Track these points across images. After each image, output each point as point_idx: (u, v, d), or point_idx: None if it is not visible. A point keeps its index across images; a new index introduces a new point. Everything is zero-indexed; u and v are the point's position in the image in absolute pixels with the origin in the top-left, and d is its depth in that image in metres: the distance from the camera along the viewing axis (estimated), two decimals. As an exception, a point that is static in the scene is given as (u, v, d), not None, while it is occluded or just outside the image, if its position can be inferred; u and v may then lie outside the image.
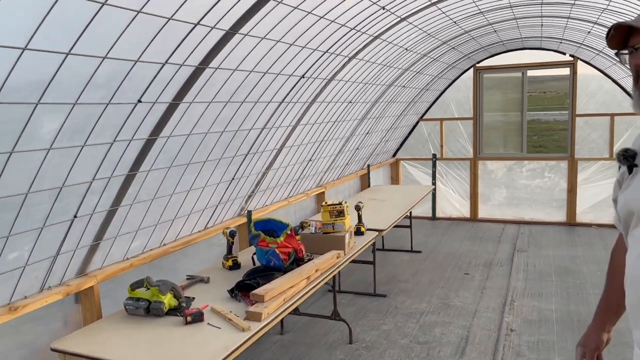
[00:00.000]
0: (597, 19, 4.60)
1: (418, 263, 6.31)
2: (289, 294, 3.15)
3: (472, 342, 4.20)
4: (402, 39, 4.33)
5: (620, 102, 7.41)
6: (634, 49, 1.39)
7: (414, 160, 8.55)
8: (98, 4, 1.77)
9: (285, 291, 3.14)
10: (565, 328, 4.41)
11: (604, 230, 7.41)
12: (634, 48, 1.39)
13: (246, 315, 2.86)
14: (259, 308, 2.90)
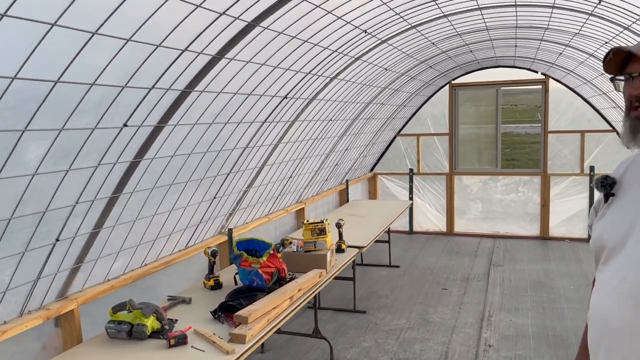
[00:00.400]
0: (568, 42, 4.76)
1: (397, 278, 6.37)
2: (272, 315, 3.15)
3: (451, 359, 4.26)
4: (382, 60, 4.41)
5: (590, 120, 7.64)
6: (630, 77, 1.36)
7: (392, 174, 8.64)
8: (88, 33, 1.77)
9: (268, 312, 3.14)
10: (541, 343, 4.50)
11: (576, 245, 7.60)
12: (630, 75, 1.36)
13: (230, 338, 2.85)
14: (242, 330, 2.90)
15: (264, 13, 2.42)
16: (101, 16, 1.77)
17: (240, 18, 2.34)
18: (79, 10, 1.66)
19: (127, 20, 1.91)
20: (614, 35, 3.74)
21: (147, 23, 1.93)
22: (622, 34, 3.60)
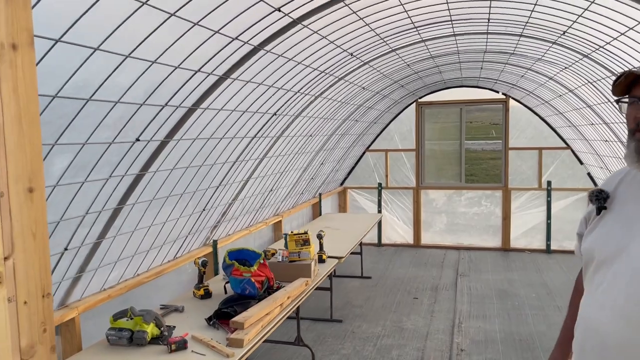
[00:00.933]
0: (531, 66, 5.15)
1: (369, 289, 6.58)
2: (265, 321, 3.30)
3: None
4: (362, 80, 4.66)
5: (546, 137, 8.13)
6: (637, 100, 1.38)
7: (361, 188, 8.90)
8: (122, 56, 1.93)
9: (262, 318, 3.30)
10: (509, 347, 4.78)
11: (536, 255, 8.02)
12: (637, 98, 1.38)
13: (228, 342, 2.99)
14: (240, 335, 3.04)
15: (268, 39, 2.62)
16: (133, 41, 1.93)
17: (248, 42, 2.53)
18: (117, 35, 1.82)
19: (150, 45, 2.08)
20: (574, 61, 4.11)
21: (171, 48, 2.10)
22: (581, 61, 3.98)
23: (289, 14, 2.64)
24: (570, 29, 3.26)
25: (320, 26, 2.98)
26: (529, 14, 3.17)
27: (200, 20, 2.14)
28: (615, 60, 3.38)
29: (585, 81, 4.50)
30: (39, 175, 1.10)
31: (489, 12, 3.30)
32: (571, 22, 3.08)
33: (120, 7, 1.73)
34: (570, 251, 7.98)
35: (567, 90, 5.32)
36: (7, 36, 1.01)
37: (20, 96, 1.05)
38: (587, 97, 4.92)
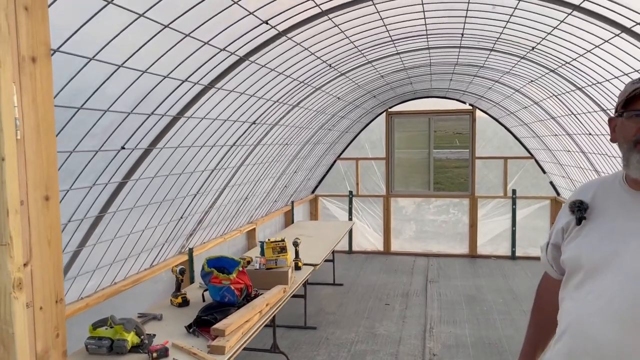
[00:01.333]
0: (499, 79, 5.35)
1: (342, 295, 6.66)
2: (245, 328, 3.33)
3: (400, 368, 4.58)
4: (338, 90, 4.76)
5: (511, 147, 8.40)
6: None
7: (332, 196, 8.99)
8: (115, 66, 1.95)
9: (242, 325, 3.32)
10: (479, 351, 4.92)
11: (502, 262, 8.25)
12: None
13: (209, 349, 3.01)
14: (221, 342, 3.06)
15: (254, 50, 2.68)
16: (127, 51, 1.96)
17: (235, 53, 2.58)
18: (112, 45, 1.85)
19: (142, 55, 2.11)
20: (540, 75, 4.31)
21: (162, 58, 2.14)
22: (547, 75, 4.17)
23: (276, 27, 2.71)
24: (539, 45, 3.43)
25: (304, 38, 3.06)
26: (502, 30, 3.32)
27: (192, 32, 2.18)
28: (580, 76, 3.57)
29: (550, 94, 4.71)
30: (54, 183, 1.13)
31: (463, 28, 3.44)
32: (540, 38, 3.24)
33: (116, 19, 1.76)
34: (535, 257, 8.24)
35: (532, 103, 5.54)
36: (27, 49, 1.05)
37: (38, 107, 1.08)
38: (552, 109, 5.14)
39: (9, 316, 1.01)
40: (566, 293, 1.59)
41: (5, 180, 0.98)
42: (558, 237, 1.69)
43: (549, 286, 1.81)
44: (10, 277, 1.00)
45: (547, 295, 1.82)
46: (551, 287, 1.76)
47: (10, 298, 1.00)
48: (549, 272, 1.81)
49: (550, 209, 8.24)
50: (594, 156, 4.98)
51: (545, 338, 1.82)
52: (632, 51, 2.59)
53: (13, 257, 1.00)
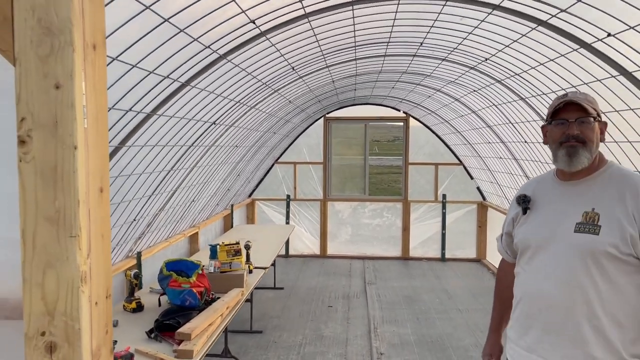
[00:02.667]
0: (441, 88, 5.61)
1: (284, 299, 6.67)
2: (209, 331, 3.28)
3: (351, 367, 4.67)
4: (292, 93, 4.79)
5: (442, 154, 8.81)
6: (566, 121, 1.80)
7: (269, 200, 8.98)
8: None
9: (206, 329, 3.27)
10: (422, 349, 5.12)
11: (432, 263, 8.61)
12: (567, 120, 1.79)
13: (177, 354, 2.93)
14: (188, 346, 3.00)
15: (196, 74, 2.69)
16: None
17: (177, 80, 2.56)
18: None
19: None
20: (485, 85, 4.58)
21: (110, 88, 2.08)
22: (492, 85, 4.45)
23: (217, 51, 2.74)
24: (493, 57, 3.66)
25: (242, 60, 3.11)
26: (460, 41, 3.52)
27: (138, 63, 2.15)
28: (526, 87, 3.85)
29: (490, 104, 5.02)
30: (106, 175, 1.09)
31: (424, 38, 3.60)
32: (496, 50, 3.47)
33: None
34: (463, 259, 8.70)
35: (470, 111, 5.86)
36: (90, 36, 1.01)
37: (97, 95, 1.04)
38: (489, 118, 5.47)
39: (75, 311, 0.96)
40: (520, 268, 1.98)
41: (77, 169, 0.94)
42: (510, 227, 2.07)
43: (506, 269, 2.19)
44: (79, 270, 0.96)
45: (504, 278, 2.18)
46: (507, 270, 2.15)
47: (78, 292, 0.96)
48: (505, 257, 2.20)
49: (477, 213, 8.71)
50: (526, 162, 5.35)
51: (507, 312, 2.13)
52: (585, 65, 2.85)
53: (82, 250, 0.96)
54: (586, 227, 1.75)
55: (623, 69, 2.62)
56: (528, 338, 1.89)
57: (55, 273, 0.95)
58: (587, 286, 1.74)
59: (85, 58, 1.00)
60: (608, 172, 1.84)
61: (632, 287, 1.72)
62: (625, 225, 1.70)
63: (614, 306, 1.72)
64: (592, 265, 1.73)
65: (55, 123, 0.94)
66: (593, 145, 1.80)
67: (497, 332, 2.23)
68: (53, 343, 0.96)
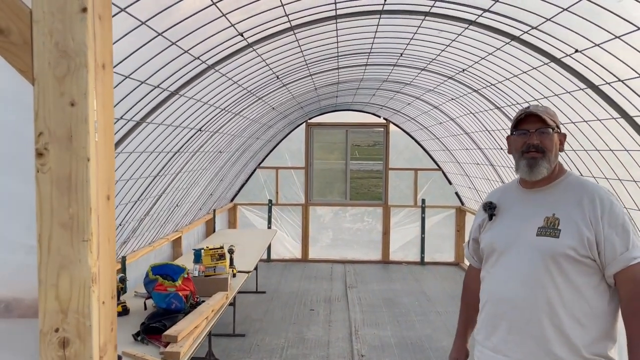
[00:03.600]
0: (420, 96, 5.77)
1: (266, 303, 6.74)
2: (195, 334, 3.35)
3: (332, 369, 4.77)
4: (275, 100, 4.89)
5: (421, 159, 8.98)
6: (527, 132, 1.92)
7: (251, 205, 9.05)
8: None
9: (192, 331, 3.34)
10: (403, 350, 5.25)
11: (412, 267, 8.76)
12: (527, 131, 1.92)
13: (164, 356, 3.00)
14: (175, 348, 3.07)
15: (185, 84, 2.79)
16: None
17: (167, 89, 2.65)
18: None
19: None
20: (463, 94, 4.74)
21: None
22: (469, 94, 4.61)
23: (206, 61, 2.84)
24: (470, 68, 3.81)
25: (229, 69, 3.21)
26: (439, 52, 3.66)
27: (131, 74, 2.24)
28: (501, 96, 4.01)
29: (467, 112, 5.18)
30: (113, 184, 1.18)
31: (404, 49, 3.74)
32: (473, 62, 3.62)
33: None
34: (441, 262, 8.86)
35: (448, 119, 6.03)
36: (100, 56, 1.10)
37: (105, 111, 1.13)
38: (467, 125, 5.64)
39: (87, 309, 1.05)
40: (485, 272, 2.07)
41: (89, 179, 1.04)
42: (476, 233, 2.17)
43: (472, 275, 2.25)
44: (90, 272, 1.05)
45: (472, 284, 2.24)
46: (474, 276, 2.21)
47: (89, 292, 1.05)
48: (472, 263, 2.27)
49: (455, 217, 8.89)
50: (502, 169, 5.53)
51: (474, 317, 2.20)
52: (555, 78, 3.01)
53: (93, 253, 1.05)
54: (547, 231, 1.86)
55: (590, 82, 2.78)
56: (494, 338, 1.96)
57: (69, 274, 1.04)
58: (548, 286, 1.84)
59: (96, 77, 1.09)
60: (567, 180, 1.96)
61: (590, 288, 1.83)
62: (584, 229, 1.81)
63: (574, 306, 1.82)
64: (553, 267, 1.84)
65: (70, 137, 1.03)
66: (552, 154, 1.91)
67: (463, 337, 2.29)
68: (66, 339, 1.05)
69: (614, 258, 1.79)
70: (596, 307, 1.83)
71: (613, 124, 2.91)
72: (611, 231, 1.80)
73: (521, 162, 1.96)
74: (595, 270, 1.83)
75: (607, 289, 1.85)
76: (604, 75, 2.59)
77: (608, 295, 1.85)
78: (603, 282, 1.84)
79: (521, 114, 1.95)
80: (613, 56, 2.35)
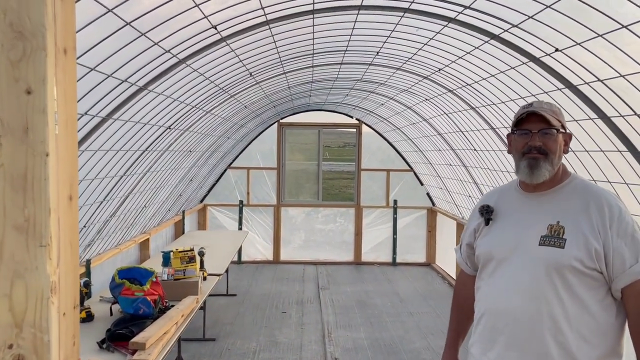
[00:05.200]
0: (394, 96, 5.73)
1: (237, 306, 6.60)
2: (164, 340, 3.21)
3: (306, 373, 4.68)
4: (248, 98, 4.78)
5: (393, 160, 8.98)
6: (529, 132, 1.77)
7: (222, 206, 8.88)
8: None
9: (161, 337, 3.20)
10: (376, 352, 5.19)
11: (384, 268, 8.74)
12: (529, 131, 1.77)
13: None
14: (143, 356, 2.93)
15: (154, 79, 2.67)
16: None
17: (135, 84, 2.53)
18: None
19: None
20: (437, 94, 4.72)
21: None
22: (444, 95, 4.59)
23: (177, 55, 2.71)
24: (446, 68, 3.78)
25: (201, 64, 3.09)
26: (416, 51, 3.62)
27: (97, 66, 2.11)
28: (477, 97, 3.99)
29: (441, 112, 5.17)
30: (76, 183, 1.06)
31: (381, 47, 3.68)
32: (450, 61, 3.59)
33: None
34: (413, 263, 8.87)
35: (421, 119, 6.01)
36: (60, 40, 0.99)
37: (67, 101, 1.02)
38: (440, 126, 5.63)
39: (45, 322, 0.93)
40: (482, 281, 1.91)
41: (48, 177, 0.92)
42: (471, 238, 2.00)
43: (465, 281, 2.10)
44: (49, 281, 0.93)
45: (463, 290, 2.09)
46: (467, 282, 2.07)
47: (47, 303, 0.93)
48: (464, 269, 2.11)
49: (426, 218, 8.91)
50: (475, 169, 5.54)
51: (465, 327, 2.09)
52: (533, 78, 2.99)
53: (52, 259, 0.93)
54: (551, 241, 1.73)
55: (569, 82, 2.77)
56: (491, 354, 1.82)
57: (24, 284, 0.92)
58: (552, 301, 1.71)
59: (56, 63, 0.98)
60: (572, 184, 1.82)
61: (596, 302, 1.71)
62: (591, 239, 1.68)
63: (579, 321, 1.69)
64: (557, 279, 1.71)
65: (26, 129, 0.91)
66: (555, 157, 1.77)
67: (453, 348, 2.13)
68: (21, 356, 0.93)
69: (623, 271, 1.67)
70: (603, 322, 1.71)
71: (590, 124, 2.91)
72: (620, 242, 1.67)
73: (521, 163, 1.80)
74: (601, 283, 1.71)
75: (613, 302, 1.73)
76: (583, 75, 2.58)
77: (614, 309, 1.73)
78: (609, 296, 1.72)
79: (523, 112, 1.79)
80: (594, 55, 2.33)
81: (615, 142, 2.79)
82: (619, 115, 2.59)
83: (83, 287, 3.59)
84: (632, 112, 2.45)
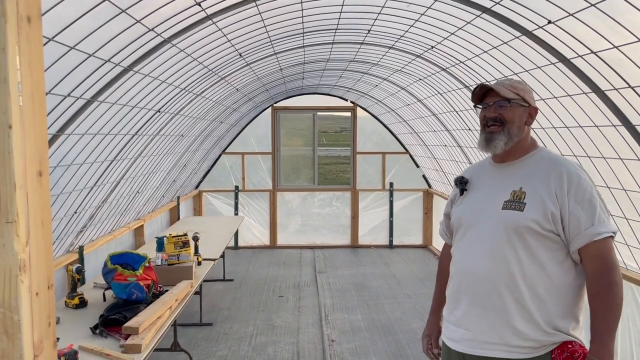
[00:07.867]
0: (388, 77, 5.67)
1: (234, 290, 6.60)
2: (158, 325, 3.19)
3: (303, 356, 4.68)
4: (239, 81, 4.71)
5: (389, 143, 8.92)
6: (487, 105, 1.93)
7: (217, 192, 8.84)
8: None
9: (154, 322, 3.18)
10: (373, 334, 5.20)
11: (381, 250, 8.74)
12: (487, 104, 1.93)
13: (124, 349, 2.84)
14: (136, 340, 2.91)
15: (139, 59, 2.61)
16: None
17: (119, 64, 2.47)
18: None
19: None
20: (430, 73, 4.66)
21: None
22: (437, 74, 4.53)
23: (161, 34, 2.64)
24: (438, 45, 3.72)
25: (187, 44, 3.02)
26: (407, 28, 3.55)
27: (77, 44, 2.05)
28: (470, 74, 3.93)
29: (435, 92, 5.11)
30: (46, 158, 1.02)
31: (372, 25, 3.61)
32: (442, 38, 3.52)
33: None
34: (410, 245, 8.88)
35: (416, 100, 5.95)
36: (24, 7, 0.94)
37: (33, 72, 0.97)
38: (434, 106, 5.58)
39: (14, 302, 0.90)
40: (454, 247, 2.07)
41: (12, 151, 0.88)
42: (448, 208, 2.19)
43: (446, 252, 2.24)
44: (17, 258, 0.89)
45: (445, 261, 2.22)
46: (448, 252, 2.20)
47: (17, 281, 0.89)
48: (445, 240, 2.27)
49: (423, 200, 8.90)
50: (470, 149, 5.50)
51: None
52: (526, 52, 2.94)
53: (19, 237, 0.90)
54: (513, 204, 1.86)
55: (562, 56, 2.72)
56: (457, 312, 1.97)
57: (-9, 262, 0.89)
58: (510, 259, 1.83)
59: (19, 31, 0.93)
60: (538, 155, 1.94)
61: (555, 264, 1.82)
62: (548, 203, 1.80)
63: (535, 280, 1.81)
64: (516, 240, 1.83)
65: (-13, 100, 0.87)
66: (513, 127, 1.89)
67: (436, 314, 2.27)
68: (-9, 336, 0.90)
69: (578, 233, 1.77)
70: (559, 283, 1.82)
71: (583, 99, 2.86)
72: (577, 206, 1.79)
73: (481, 137, 1.97)
74: (560, 245, 1.82)
75: (574, 265, 1.84)
76: (577, 48, 2.53)
77: (574, 272, 1.84)
78: (569, 259, 1.83)
79: (476, 87, 1.95)
80: (588, 26, 2.28)
81: (609, 116, 2.75)
82: (613, 88, 2.55)
83: (75, 274, 3.56)
84: (627, 84, 2.41)
